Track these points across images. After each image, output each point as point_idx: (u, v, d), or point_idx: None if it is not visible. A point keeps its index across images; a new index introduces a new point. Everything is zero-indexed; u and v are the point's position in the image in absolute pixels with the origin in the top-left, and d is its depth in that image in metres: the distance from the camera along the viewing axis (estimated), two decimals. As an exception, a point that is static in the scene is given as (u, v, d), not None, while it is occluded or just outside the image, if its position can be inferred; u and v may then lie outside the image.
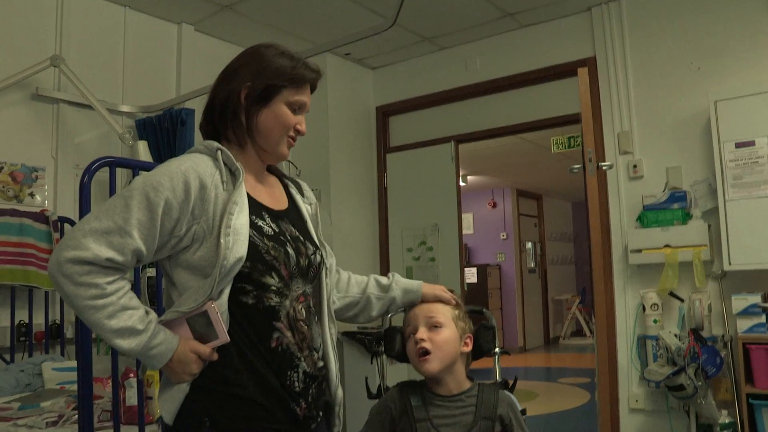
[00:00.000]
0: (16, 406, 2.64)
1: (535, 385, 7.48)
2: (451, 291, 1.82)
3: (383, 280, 1.83)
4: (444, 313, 1.70)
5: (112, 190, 2.25)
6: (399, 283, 1.82)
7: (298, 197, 1.70)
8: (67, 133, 3.75)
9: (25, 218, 3.32)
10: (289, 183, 1.73)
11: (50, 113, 3.71)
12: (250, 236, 1.43)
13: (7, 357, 3.33)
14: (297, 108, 1.58)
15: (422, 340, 1.65)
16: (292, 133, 1.58)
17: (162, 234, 1.39)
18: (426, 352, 1.64)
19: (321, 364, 1.56)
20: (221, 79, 1.59)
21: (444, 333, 1.67)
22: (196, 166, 1.44)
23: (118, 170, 2.45)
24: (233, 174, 1.49)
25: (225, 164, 1.48)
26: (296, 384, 1.47)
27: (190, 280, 1.43)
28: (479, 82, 4.83)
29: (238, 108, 1.54)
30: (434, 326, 1.67)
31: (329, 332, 1.62)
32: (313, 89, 1.64)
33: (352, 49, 4.88)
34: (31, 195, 3.57)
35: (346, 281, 1.82)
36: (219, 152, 1.49)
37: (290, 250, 1.51)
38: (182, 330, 1.42)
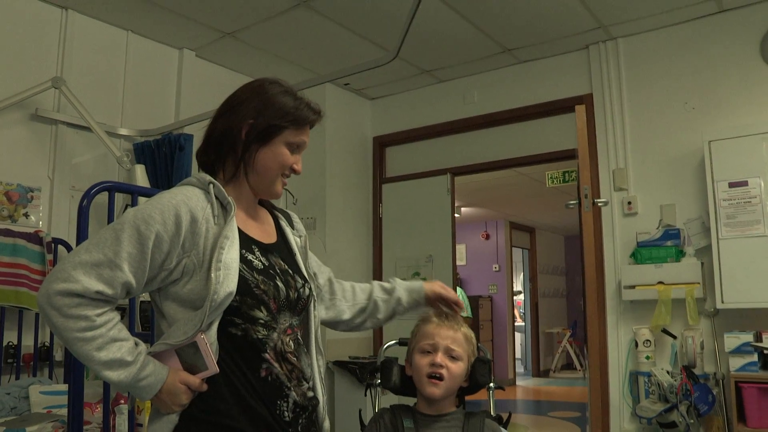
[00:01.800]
0: (1, 431, 2.60)
1: (526, 418, 7.42)
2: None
3: (386, 284, 1.90)
4: (464, 347, 1.75)
5: (110, 215, 2.24)
6: (401, 284, 1.89)
7: (287, 229, 1.70)
8: (64, 154, 3.76)
9: (18, 238, 3.31)
10: (279, 215, 1.73)
11: (49, 134, 3.72)
12: (240, 270, 1.43)
13: (-6, 379, 3.29)
14: (296, 148, 1.59)
15: (441, 366, 1.69)
16: (287, 172, 1.60)
17: (152, 267, 1.39)
18: (441, 378, 1.68)
19: (311, 394, 1.55)
20: (223, 110, 1.59)
21: (459, 366, 1.72)
22: (188, 200, 1.44)
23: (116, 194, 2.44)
24: (225, 208, 1.49)
25: (217, 198, 1.49)
26: (286, 414, 1.46)
27: (180, 312, 1.43)
28: (476, 115, 4.88)
29: (237, 143, 1.54)
30: (452, 357, 1.71)
31: (317, 364, 1.62)
32: (311, 127, 1.65)
33: (351, 79, 4.93)
34: (26, 215, 3.55)
35: (351, 290, 1.87)
36: (211, 186, 1.49)
37: (280, 284, 1.51)
38: (172, 361, 1.42)
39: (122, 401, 2.38)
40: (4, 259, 3.24)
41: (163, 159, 3.93)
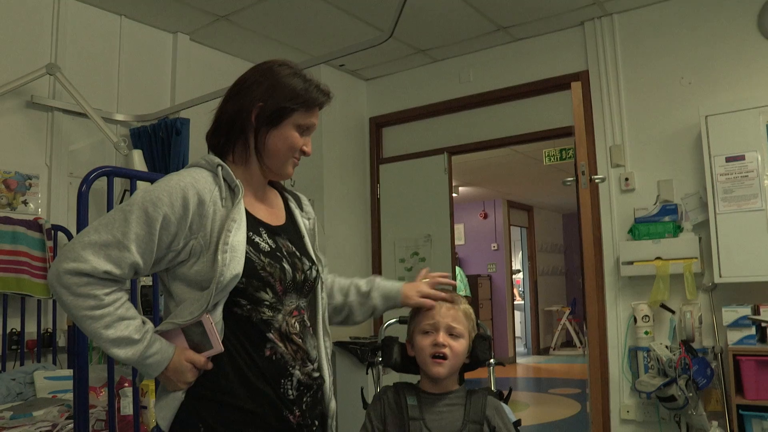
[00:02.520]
0: (8, 416, 2.63)
1: (526, 395, 7.49)
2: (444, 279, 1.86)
3: (363, 286, 1.85)
4: (464, 324, 1.76)
5: (110, 200, 2.25)
6: (378, 289, 1.84)
7: (296, 211, 1.72)
8: (61, 141, 3.75)
9: (18, 226, 3.32)
10: (289, 197, 1.74)
11: (45, 121, 3.71)
12: (246, 252, 1.45)
13: (-1, 365, 3.31)
14: (305, 129, 1.60)
15: (444, 345, 1.70)
16: (297, 155, 1.60)
17: (159, 248, 1.41)
18: (444, 357, 1.69)
19: (316, 374, 1.57)
20: (232, 93, 1.59)
21: (461, 343, 1.74)
22: (196, 182, 1.46)
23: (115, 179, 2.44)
24: (232, 190, 1.50)
25: (225, 180, 1.50)
26: (290, 392, 1.49)
27: (187, 292, 1.46)
28: (472, 94, 4.87)
29: (247, 126, 1.55)
30: (454, 335, 1.73)
31: (323, 345, 1.64)
32: (320, 109, 1.65)
33: (346, 60, 4.91)
34: (25, 203, 3.56)
35: (330, 287, 1.85)
36: (219, 168, 1.51)
37: (286, 266, 1.53)
38: (178, 339, 1.45)
39: (126, 384, 2.40)
40: (5, 246, 3.25)
41: (160, 143, 3.92)
